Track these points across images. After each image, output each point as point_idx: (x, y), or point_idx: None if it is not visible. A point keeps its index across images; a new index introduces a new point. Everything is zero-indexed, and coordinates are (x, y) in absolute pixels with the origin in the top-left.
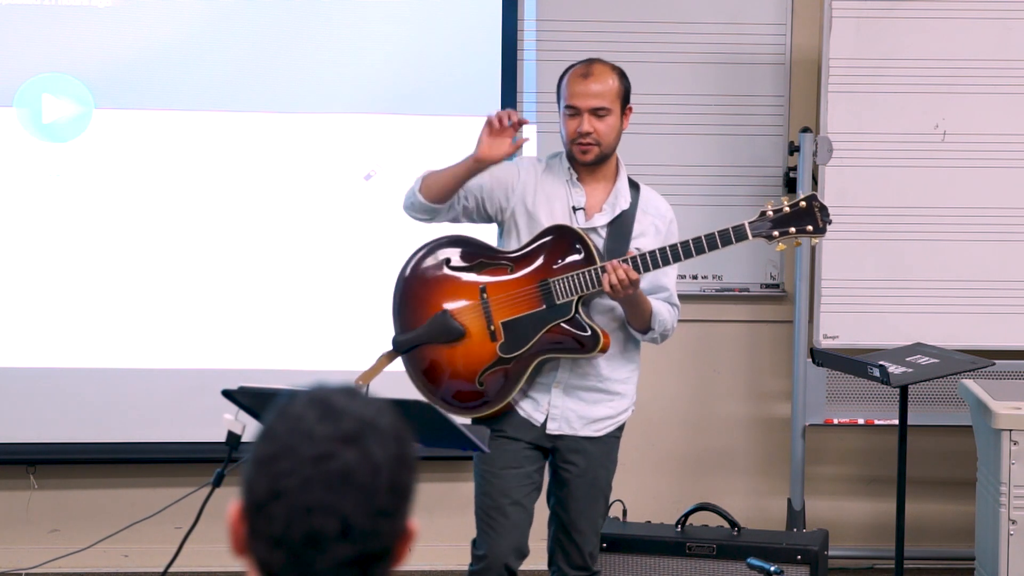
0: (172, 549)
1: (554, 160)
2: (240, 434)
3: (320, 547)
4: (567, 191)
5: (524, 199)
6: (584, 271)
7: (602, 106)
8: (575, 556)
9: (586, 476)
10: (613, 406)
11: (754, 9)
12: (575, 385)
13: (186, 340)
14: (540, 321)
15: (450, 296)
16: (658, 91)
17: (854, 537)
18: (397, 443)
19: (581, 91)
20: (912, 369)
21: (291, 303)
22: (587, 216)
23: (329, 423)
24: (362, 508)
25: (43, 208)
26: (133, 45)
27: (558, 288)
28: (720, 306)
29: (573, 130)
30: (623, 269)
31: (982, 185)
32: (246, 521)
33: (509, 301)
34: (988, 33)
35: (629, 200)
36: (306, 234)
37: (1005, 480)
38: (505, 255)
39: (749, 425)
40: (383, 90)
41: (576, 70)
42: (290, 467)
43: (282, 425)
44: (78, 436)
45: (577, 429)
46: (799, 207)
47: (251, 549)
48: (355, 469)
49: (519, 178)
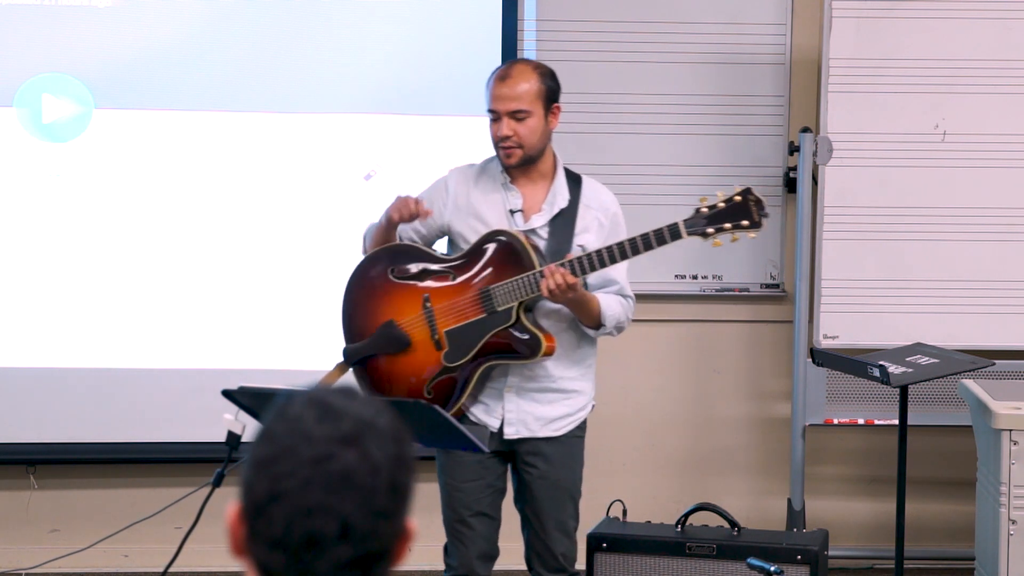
0: (172, 549)
1: (492, 162)
2: (240, 434)
3: (320, 548)
4: (503, 194)
5: (458, 209)
6: (523, 277)
7: (520, 108)
8: (548, 559)
9: (548, 478)
10: (570, 404)
11: (754, 9)
12: (527, 387)
13: (186, 340)
14: (482, 329)
15: (395, 306)
16: (658, 91)
17: (854, 537)
18: (396, 443)
19: (498, 94)
20: (912, 369)
21: (291, 303)
22: (525, 218)
23: (328, 424)
24: (362, 509)
25: (43, 208)
26: (133, 45)
27: (498, 295)
28: (720, 306)
29: (495, 134)
30: (560, 273)
31: (982, 185)
32: (245, 523)
33: (452, 309)
34: (988, 33)
35: (567, 198)
36: (306, 234)
37: (1005, 480)
38: (447, 262)
39: (749, 425)
40: (383, 90)
41: (498, 72)
42: (289, 469)
43: (281, 426)
44: (78, 436)
45: (536, 431)
46: (734, 202)
47: (250, 550)
48: (355, 470)
49: (448, 192)
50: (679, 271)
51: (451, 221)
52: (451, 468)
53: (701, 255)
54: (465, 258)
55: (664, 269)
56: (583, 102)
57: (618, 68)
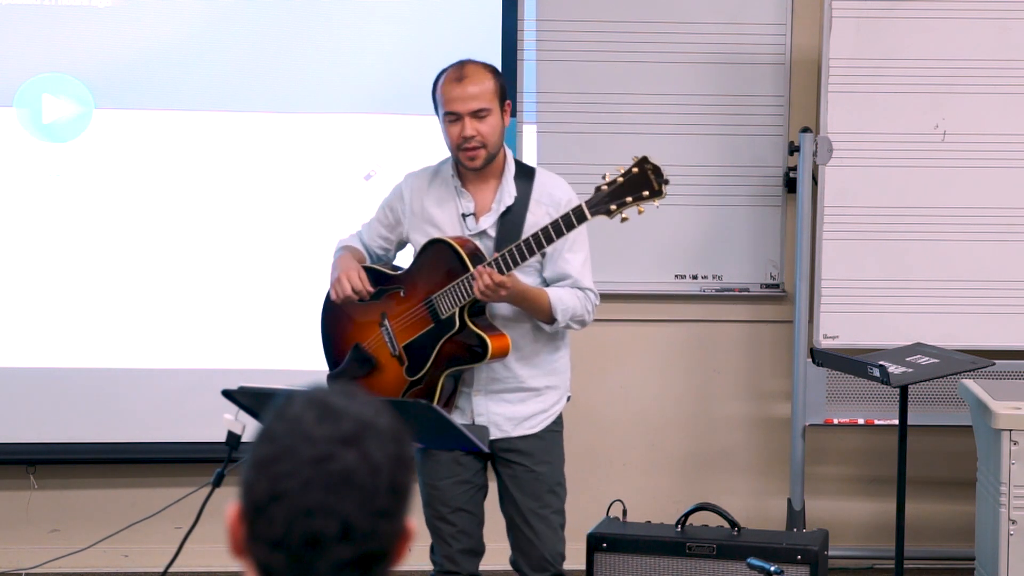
0: (172, 549)
1: (444, 166)
2: (240, 434)
3: (320, 549)
4: (456, 200)
5: (414, 217)
6: (458, 282)
7: (481, 107)
8: (535, 558)
9: (528, 474)
10: (542, 400)
11: (754, 9)
12: (493, 388)
13: (186, 340)
14: (433, 338)
15: (359, 329)
16: (658, 91)
17: (854, 537)
18: (396, 443)
19: (458, 95)
20: (912, 369)
21: (291, 303)
22: (476, 220)
23: (328, 424)
24: (362, 509)
25: (43, 208)
26: (133, 45)
27: (440, 303)
28: (720, 306)
29: (457, 135)
30: (487, 273)
31: (982, 185)
32: (245, 523)
33: (405, 324)
34: (988, 33)
35: (514, 195)
36: (306, 234)
37: (1005, 480)
38: (395, 278)
39: (749, 425)
40: (383, 90)
41: (449, 75)
42: (290, 469)
43: (281, 427)
44: (78, 436)
45: (509, 431)
46: (632, 174)
47: (250, 551)
48: (355, 470)
49: (404, 200)
50: (679, 271)
51: (408, 231)
52: (427, 467)
53: (701, 255)
54: (409, 271)
55: (664, 269)
56: (583, 102)
57: (618, 68)
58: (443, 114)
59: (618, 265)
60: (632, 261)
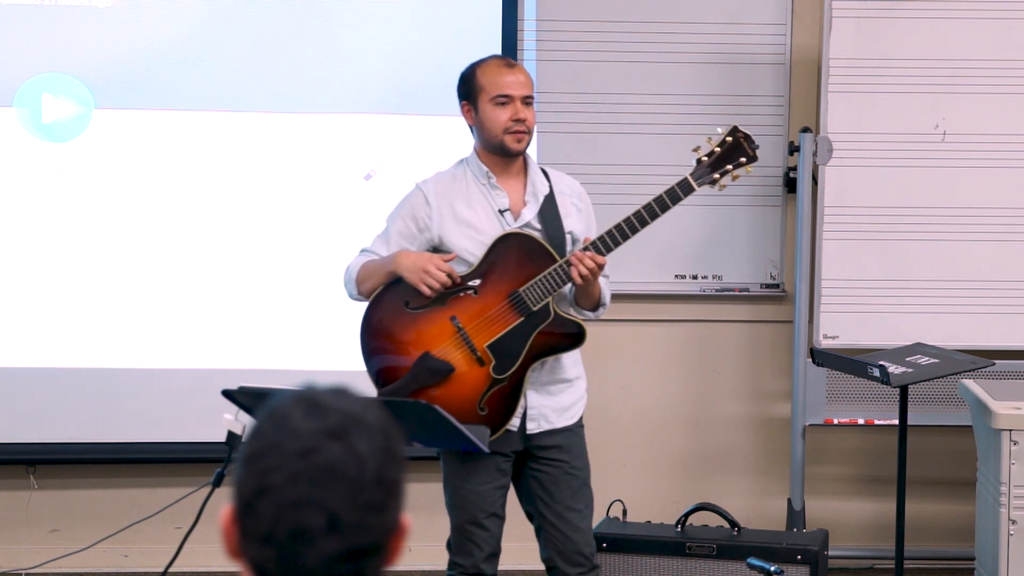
0: (172, 549)
1: (459, 168)
2: (240, 434)
3: (308, 541)
4: (487, 195)
5: (444, 220)
6: (551, 271)
7: (530, 95)
8: (570, 552)
9: (566, 467)
10: (575, 389)
11: (754, 9)
12: (545, 381)
13: (186, 340)
14: (524, 333)
15: (424, 337)
16: (658, 91)
17: (854, 537)
18: (384, 437)
19: (512, 80)
20: (912, 369)
21: (291, 303)
22: (515, 215)
23: (314, 419)
24: (349, 502)
25: (43, 208)
26: (133, 45)
27: (530, 296)
28: (720, 306)
29: (507, 118)
30: (589, 257)
31: (982, 185)
32: (237, 523)
33: (485, 323)
34: (988, 33)
35: (547, 185)
36: (306, 234)
37: (1005, 480)
38: (463, 278)
39: (749, 425)
40: (383, 90)
41: (495, 62)
42: (275, 463)
43: (268, 423)
44: (78, 436)
45: (554, 422)
46: (727, 143)
47: (243, 550)
48: (340, 462)
49: (430, 206)
50: (679, 271)
51: (442, 235)
52: (467, 472)
53: (701, 255)
54: (480, 269)
55: (664, 269)
56: (583, 102)
57: (618, 68)
58: (492, 97)
59: (618, 265)
60: (632, 261)
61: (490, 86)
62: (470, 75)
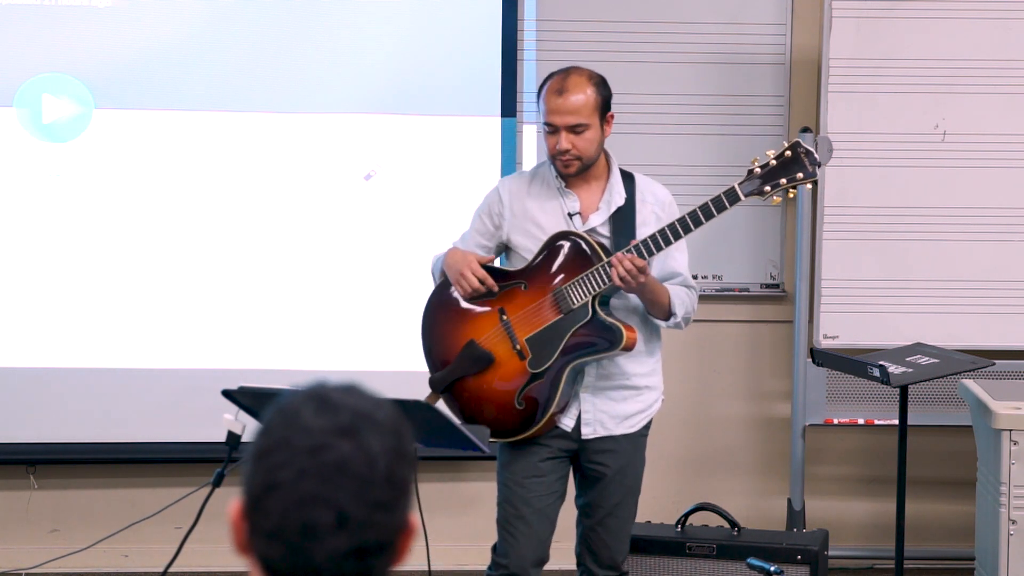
0: (172, 549)
1: (543, 168)
2: (240, 434)
3: (316, 538)
4: (559, 200)
5: (515, 218)
6: (592, 271)
7: (579, 123)
8: (604, 556)
9: (617, 474)
10: (642, 400)
11: (754, 9)
12: (602, 386)
13: (186, 340)
14: (561, 330)
15: (472, 326)
16: (658, 91)
17: (854, 537)
18: (395, 436)
19: (557, 108)
20: (912, 369)
21: (291, 303)
22: (584, 219)
23: (325, 416)
24: (358, 499)
25: (43, 208)
26: (133, 45)
27: (571, 293)
28: (720, 306)
29: (553, 147)
30: (628, 259)
31: (982, 185)
32: (246, 518)
33: (528, 317)
34: (988, 33)
35: (624, 195)
36: (306, 234)
37: (1005, 480)
38: (515, 273)
39: (749, 425)
40: (383, 90)
41: (552, 85)
42: (285, 459)
43: (278, 419)
44: (78, 436)
45: (612, 429)
46: (785, 157)
47: (252, 546)
48: (350, 460)
49: (503, 203)
50: None
51: (509, 232)
52: (514, 463)
53: (701, 255)
54: (531, 265)
55: None
56: None
57: (618, 68)
58: (543, 122)
59: None
60: None
61: (543, 111)
62: (540, 88)
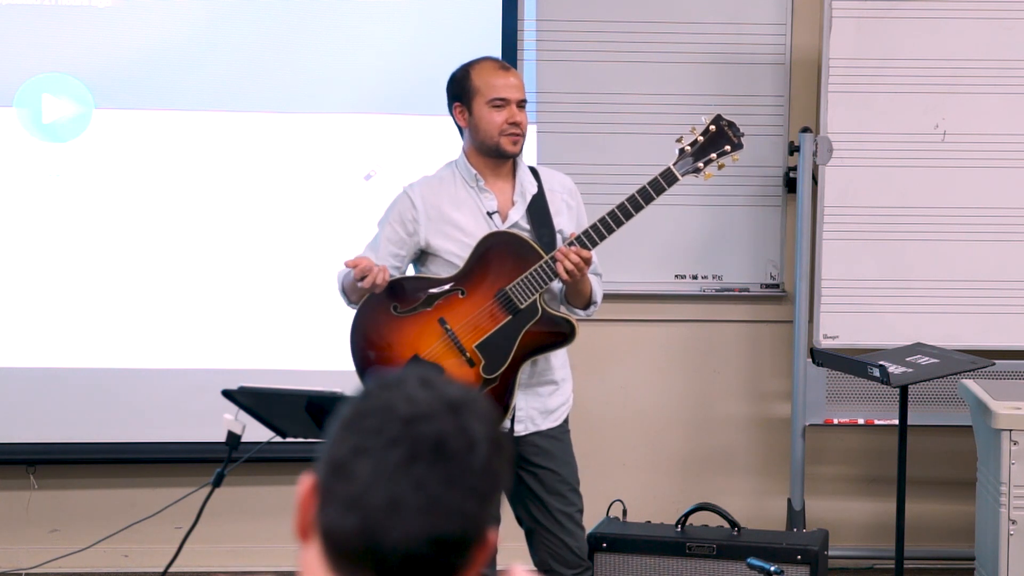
0: (172, 549)
1: (447, 171)
2: (240, 434)
3: (397, 515)
4: (475, 198)
5: (430, 222)
6: (537, 268)
7: (524, 98)
8: (566, 554)
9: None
10: (562, 392)
11: (754, 9)
12: (534, 383)
13: (186, 340)
14: (512, 331)
15: (413, 340)
16: (658, 91)
17: (854, 537)
18: (493, 428)
19: (507, 83)
20: (912, 369)
21: (291, 303)
22: (503, 217)
23: (430, 390)
24: (452, 481)
25: (43, 208)
26: (133, 45)
27: (517, 293)
28: (720, 306)
29: (503, 121)
30: (574, 252)
31: (982, 185)
32: (319, 493)
33: (473, 324)
34: (988, 33)
35: (535, 183)
36: (306, 234)
37: (1005, 480)
38: (449, 281)
39: (749, 425)
40: (383, 90)
41: (489, 64)
42: (381, 424)
43: (379, 388)
44: (78, 436)
45: (540, 424)
46: (710, 132)
47: (319, 523)
48: (451, 438)
49: (416, 209)
50: (679, 271)
51: (427, 236)
52: None
53: (701, 255)
54: (465, 270)
55: (664, 269)
56: (583, 102)
57: (618, 68)
58: (488, 100)
59: (618, 265)
60: (632, 261)
61: (486, 88)
62: (463, 76)
